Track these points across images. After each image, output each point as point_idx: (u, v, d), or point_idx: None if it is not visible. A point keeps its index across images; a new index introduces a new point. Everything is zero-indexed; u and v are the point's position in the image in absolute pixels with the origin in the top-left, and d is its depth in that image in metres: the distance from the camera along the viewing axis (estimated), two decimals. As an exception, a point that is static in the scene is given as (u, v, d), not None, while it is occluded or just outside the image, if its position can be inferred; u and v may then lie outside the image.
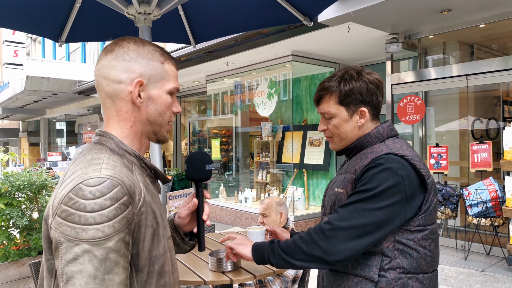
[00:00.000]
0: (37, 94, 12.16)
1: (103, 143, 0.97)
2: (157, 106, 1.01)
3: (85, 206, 0.80)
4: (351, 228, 1.23)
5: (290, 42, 5.95)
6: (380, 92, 1.42)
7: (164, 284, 0.96)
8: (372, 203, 1.23)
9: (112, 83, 0.97)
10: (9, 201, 3.37)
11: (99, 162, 0.89)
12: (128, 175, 0.89)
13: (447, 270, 4.40)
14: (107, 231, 0.80)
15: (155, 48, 1.03)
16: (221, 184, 8.26)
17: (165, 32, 3.10)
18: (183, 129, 11.83)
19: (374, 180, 1.25)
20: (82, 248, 0.79)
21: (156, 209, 0.96)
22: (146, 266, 0.91)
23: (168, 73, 1.03)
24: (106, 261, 0.79)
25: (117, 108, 0.99)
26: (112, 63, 0.98)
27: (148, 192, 0.95)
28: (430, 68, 5.58)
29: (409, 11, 4.68)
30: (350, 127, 1.40)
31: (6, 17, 2.63)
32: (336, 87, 1.39)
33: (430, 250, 1.34)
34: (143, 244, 0.89)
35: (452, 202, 4.80)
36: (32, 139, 20.11)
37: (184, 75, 8.58)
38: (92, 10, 2.56)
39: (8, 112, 16.11)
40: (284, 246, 1.31)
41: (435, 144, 5.26)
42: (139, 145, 1.03)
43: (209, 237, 2.56)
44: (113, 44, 1.00)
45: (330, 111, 1.40)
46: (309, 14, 2.86)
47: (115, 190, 0.83)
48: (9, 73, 16.29)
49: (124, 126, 1.00)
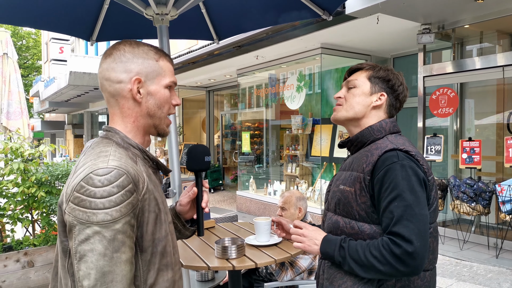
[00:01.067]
0: (80, 89, 12.80)
1: (110, 137, 1.08)
2: (156, 100, 1.11)
3: (95, 193, 0.91)
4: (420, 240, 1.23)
5: (319, 35, 5.92)
6: (402, 96, 1.50)
7: (167, 264, 1.07)
8: (416, 205, 1.25)
9: (113, 83, 1.08)
10: (49, 189, 3.64)
11: (107, 154, 0.99)
12: (132, 166, 1.00)
13: (476, 267, 4.29)
14: (114, 215, 0.91)
15: (149, 48, 1.13)
16: (251, 176, 8.38)
17: (189, 29, 3.22)
18: (216, 122, 12.05)
19: (400, 181, 1.26)
20: (93, 229, 0.90)
21: (158, 197, 1.06)
22: (150, 247, 1.01)
23: (164, 69, 1.12)
24: (114, 241, 0.91)
25: (120, 106, 1.10)
26: (111, 66, 1.08)
27: (151, 181, 1.06)
28: (465, 59, 5.37)
29: (440, 0, 4.53)
30: (364, 102, 1.45)
31: (43, 19, 2.84)
32: (373, 67, 1.49)
33: (433, 247, 1.35)
34: (147, 227, 1.00)
35: (484, 198, 4.64)
36: (77, 131, 21.21)
37: (216, 69, 8.74)
38: (118, 11, 2.72)
39: (54, 106, 17.07)
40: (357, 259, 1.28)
41: (472, 137, 5.08)
42: (141, 139, 1.13)
43: (222, 227, 2.67)
44: (111, 48, 1.11)
45: (357, 79, 1.48)
46: (328, 8, 2.86)
47: (121, 179, 0.94)
48: (55, 69, 17.22)
49: (127, 122, 1.10)
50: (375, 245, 1.26)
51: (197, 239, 2.26)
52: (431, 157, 5.34)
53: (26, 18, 2.76)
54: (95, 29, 2.96)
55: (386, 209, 1.27)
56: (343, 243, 1.32)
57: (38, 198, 3.53)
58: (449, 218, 5.74)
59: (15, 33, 23.79)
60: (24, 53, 25.91)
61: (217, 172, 11.03)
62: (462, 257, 4.71)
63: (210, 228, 2.58)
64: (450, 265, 4.51)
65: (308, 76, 7.04)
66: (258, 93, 8.49)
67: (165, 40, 2.21)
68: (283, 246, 2.11)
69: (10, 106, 5.58)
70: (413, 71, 6.22)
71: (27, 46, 25.95)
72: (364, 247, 1.27)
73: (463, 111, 6.04)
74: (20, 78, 5.87)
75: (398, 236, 1.22)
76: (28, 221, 3.66)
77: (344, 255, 1.29)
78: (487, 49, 5.68)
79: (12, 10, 2.65)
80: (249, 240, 2.18)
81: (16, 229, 3.71)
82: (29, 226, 3.72)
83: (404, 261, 1.21)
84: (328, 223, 1.45)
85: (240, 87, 8.89)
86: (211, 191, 10.71)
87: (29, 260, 3.37)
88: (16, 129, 5.38)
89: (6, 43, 5.74)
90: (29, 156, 3.77)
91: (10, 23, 2.87)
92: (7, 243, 3.53)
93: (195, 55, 7.84)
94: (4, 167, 3.56)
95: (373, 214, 1.32)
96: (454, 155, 5.69)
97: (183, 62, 8.42)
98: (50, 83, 14.89)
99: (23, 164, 3.53)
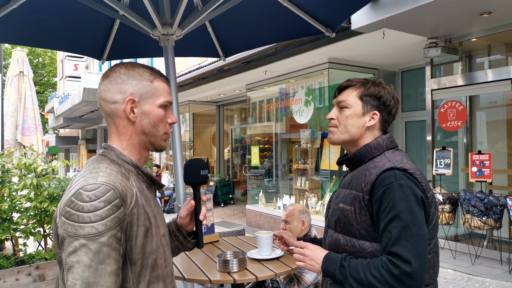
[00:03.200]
0: (93, 105, 13.08)
1: (105, 154, 1.14)
2: (150, 119, 1.16)
3: (82, 208, 0.97)
4: (418, 260, 1.24)
5: (326, 50, 5.99)
6: (395, 110, 1.48)
7: (157, 276, 1.10)
8: (414, 225, 1.26)
9: (109, 103, 1.14)
10: (60, 204, 3.72)
11: (98, 171, 1.05)
12: (121, 181, 1.05)
13: (488, 283, 4.21)
14: (100, 228, 0.96)
15: (144, 69, 1.18)
16: (261, 190, 8.39)
17: (196, 47, 3.31)
18: (226, 136, 12.15)
19: (398, 201, 1.28)
20: (80, 242, 0.95)
21: (149, 211, 1.11)
22: (140, 260, 1.05)
23: (158, 89, 1.17)
24: (99, 253, 0.95)
25: (116, 124, 1.15)
26: (107, 87, 1.14)
27: (143, 196, 1.10)
28: (473, 72, 5.37)
29: (446, 15, 4.57)
30: (358, 123, 1.45)
31: (57, 40, 2.97)
32: (363, 84, 1.48)
33: (433, 263, 1.36)
34: (136, 241, 1.04)
35: (495, 212, 4.57)
36: (90, 146, 21.55)
37: (225, 84, 8.87)
38: (127, 31, 2.83)
39: (68, 121, 17.43)
40: (357, 279, 1.29)
41: (482, 150, 5.04)
42: (138, 155, 1.18)
43: (225, 240, 2.70)
44: (109, 70, 1.18)
45: (348, 100, 1.46)
46: (330, 25, 2.93)
47: (108, 194, 0.99)
48: (70, 85, 17.63)
49: (123, 140, 1.16)
50: (375, 264, 1.27)
51: (201, 253, 2.29)
52: (440, 171, 5.30)
53: (41, 39, 2.90)
54: (105, 49, 3.08)
55: (385, 229, 1.29)
56: (343, 261, 1.33)
57: (50, 212, 3.62)
58: (461, 233, 5.66)
59: (32, 51, 24.49)
60: (40, 70, 26.62)
61: (227, 186, 11.06)
62: (474, 272, 4.63)
63: (214, 242, 2.61)
64: (462, 281, 4.43)
65: (316, 90, 7.09)
66: (267, 108, 8.57)
67: (170, 59, 2.29)
68: (285, 260, 2.13)
69: (25, 123, 5.75)
70: (422, 84, 6.23)
71: (43, 63, 26.66)
72: (364, 266, 1.29)
73: (473, 124, 6.00)
74: (35, 95, 6.06)
75: (397, 256, 1.24)
76: (40, 235, 3.74)
77: (345, 274, 1.31)
78: (495, 62, 5.66)
79: (27, 33, 2.78)
80: (251, 254, 2.20)
81: (28, 243, 3.79)
82: (41, 240, 3.80)
83: (402, 282, 1.23)
84: (329, 240, 1.47)
85: (250, 101, 8.99)
86: (221, 205, 10.73)
87: (40, 274, 3.44)
88: (30, 145, 5.53)
89: (22, 61, 5.95)
90: (42, 171, 3.88)
91: (26, 44, 3.01)
92: (19, 257, 3.61)
93: (205, 71, 7.98)
94: (18, 182, 3.67)
95: (374, 232, 1.33)
96: (464, 169, 5.64)
97: (193, 77, 8.57)
98: (65, 99, 15.25)
99: (35, 179, 3.63)
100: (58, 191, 3.77)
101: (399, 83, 7.36)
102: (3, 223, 3.53)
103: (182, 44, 2.86)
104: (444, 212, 4.99)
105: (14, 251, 3.80)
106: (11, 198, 3.59)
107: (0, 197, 3.56)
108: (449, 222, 5.01)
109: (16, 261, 3.53)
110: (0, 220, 3.50)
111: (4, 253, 3.78)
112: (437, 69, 5.92)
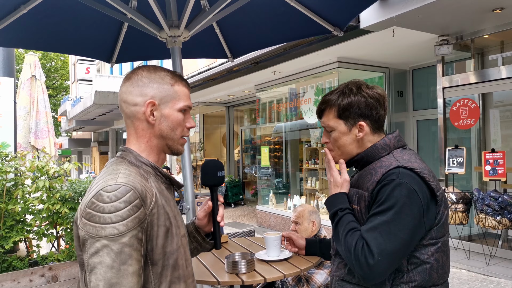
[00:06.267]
0: (105, 107, 13.22)
1: (124, 156, 1.15)
2: (169, 123, 1.16)
3: (103, 209, 0.97)
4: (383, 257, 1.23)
5: (335, 49, 5.95)
6: (380, 106, 1.42)
7: (179, 276, 1.10)
8: (395, 225, 1.24)
9: (129, 105, 1.15)
10: (72, 206, 3.77)
11: (117, 172, 1.06)
12: (141, 182, 1.05)
13: (503, 283, 4.13)
14: (121, 229, 0.97)
15: (165, 73, 1.19)
16: (271, 190, 8.38)
17: (204, 48, 3.32)
18: (236, 137, 12.16)
19: (390, 198, 1.26)
20: (102, 243, 0.95)
21: (169, 211, 1.11)
22: (161, 260, 1.06)
23: (179, 93, 1.18)
24: (121, 254, 0.96)
25: (135, 127, 1.16)
26: (129, 89, 1.15)
27: (162, 197, 1.11)
28: (485, 69, 5.28)
29: (456, 12, 4.50)
30: (349, 140, 1.42)
31: (67, 44, 3.01)
32: (335, 101, 1.43)
33: (442, 262, 1.33)
34: (157, 241, 1.05)
35: (510, 211, 4.49)
36: (102, 148, 21.81)
37: (234, 85, 8.88)
38: (135, 34, 2.85)
39: (81, 124, 17.66)
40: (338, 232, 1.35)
41: (495, 148, 4.95)
42: (156, 157, 1.19)
43: (234, 241, 2.70)
44: (131, 72, 1.18)
45: (329, 124, 1.44)
46: (338, 24, 2.91)
47: (128, 195, 0.99)
48: (82, 88, 17.87)
49: (141, 142, 1.17)
50: (354, 235, 1.29)
51: (209, 254, 2.29)
52: (453, 170, 5.22)
53: (52, 44, 2.94)
54: (114, 52, 3.10)
55: (368, 219, 1.30)
56: (340, 211, 1.37)
57: (62, 214, 3.66)
58: (475, 232, 5.56)
59: (45, 55, 24.88)
60: (53, 74, 27.02)
61: (237, 187, 11.08)
62: (489, 272, 4.55)
63: (223, 243, 2.61)
64: (476, 281, 4.35)
65: (325, 90, 7.05)
66: (276, 108, 8.55)
67: (177, 61, 2.30)
68: (294, 261, 2.12)
69: (38, 126, 5.84)
70: (433, 82, 6.15)
71: (56, 67, 27.07)
72: (347, 228, 1.32)
73: (486, 122, 5.90)
74: (47, 99, 6.15)
75: (366, 244, 1.25)
76: (53, 237, 3.79)
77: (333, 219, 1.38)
78: (509, 59, 5.56)
79: (38, 37, 2.83)
80: (259, 255, 2.19)
81: (41, 244, 3.84)
82: (54, 241, 3.85)
83: (361, 266, 1.24)
84: None
85: (259, 102, 8.99)
86: (232, 206, 10.74)
87: (54, 275, 3.48)
88: (42, 148, 5.61)
89: (35, 66, 6.04)
90: (54, 174, 3.93)
91: (38, 48, 3.06)
92: (33, 258, 3.66)
93: (214, 72, 8.01)
94: (31, 185, 3.72)
95: None
96: (478, 167, 5.54)
97: (202, 79, 8.60)
98: (77, 102, 15.45)
99: (48, 182, 3.68)
100: (70, 193, 3.81)
101: (410, 81, 7.28)
102: (17, 225, 3.59)
103: (189, 46, 2.87)
104: (458, 211, 4.92)
105: (28, 252, 3.86)
106: (24, 200, 3.64)
107: (13, 199, 3.62)
108: (462, 222, 4.93)
109: (29, 262, 3.58)
110: (13, 222, 3.56)
111: (18, 255, 3.84)
112: (449, 67, 5.84)
